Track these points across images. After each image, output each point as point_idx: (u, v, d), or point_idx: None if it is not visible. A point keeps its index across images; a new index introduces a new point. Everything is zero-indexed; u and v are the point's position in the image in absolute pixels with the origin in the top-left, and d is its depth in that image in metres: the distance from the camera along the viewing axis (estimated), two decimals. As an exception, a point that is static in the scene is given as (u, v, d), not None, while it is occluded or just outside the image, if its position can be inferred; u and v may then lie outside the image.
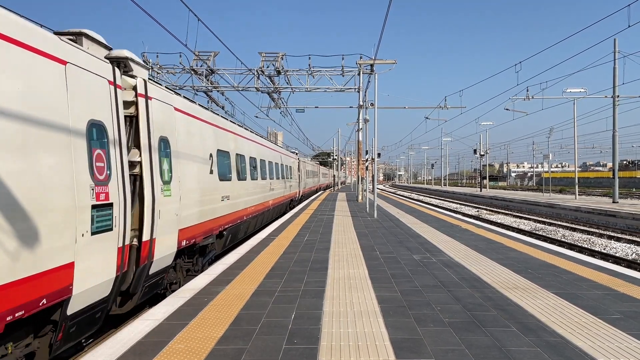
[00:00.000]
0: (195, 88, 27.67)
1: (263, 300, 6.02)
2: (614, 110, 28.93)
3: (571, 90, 30.82)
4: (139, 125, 6.73)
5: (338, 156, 66.53)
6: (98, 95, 5.57)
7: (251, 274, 7.66)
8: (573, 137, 35.67)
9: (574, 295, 6.29)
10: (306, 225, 15.21)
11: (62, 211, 4.70)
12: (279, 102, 30.76)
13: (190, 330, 4.88)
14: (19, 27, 4.37)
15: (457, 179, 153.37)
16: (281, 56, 26.41)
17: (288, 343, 4.50)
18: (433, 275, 7.54)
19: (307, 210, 21.57)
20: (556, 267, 8.22)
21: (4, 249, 3.93)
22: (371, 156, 22.74)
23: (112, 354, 4.23)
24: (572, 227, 22.08)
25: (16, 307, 4.07)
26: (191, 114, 9.33)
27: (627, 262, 13.36)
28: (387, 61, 24.42)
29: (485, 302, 5.95)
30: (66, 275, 4.79)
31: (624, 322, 5.14)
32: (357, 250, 10.10)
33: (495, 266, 8.30)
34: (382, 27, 14.44)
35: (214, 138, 10.91)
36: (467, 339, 4.61)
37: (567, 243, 17.03)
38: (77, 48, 5.27)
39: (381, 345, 4.44)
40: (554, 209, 30.61)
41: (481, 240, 11.60)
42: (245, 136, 15.06)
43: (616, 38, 27.39)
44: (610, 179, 36.09)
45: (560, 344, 4.48)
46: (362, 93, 26.88)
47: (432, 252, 9.78)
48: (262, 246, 10.59)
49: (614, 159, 29.41)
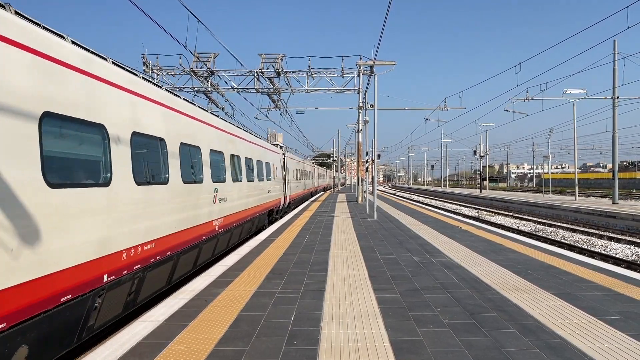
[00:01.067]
0: (195, 89, 27.69)
1: (263, 302, 6.01)
2: (613, 111, 28.94)
3: (571, 91, 30.84)
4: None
5: (338, 157, 66.53)
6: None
7: (251, 275, 7.66)
8: (573, 138, 35.70)
9: (573, 297, 6.29)
10: (306, 226, 15.20)
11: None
12: (279, 104, 30.78)
13: (190, 331, 4.87)
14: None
15: (457, 180, 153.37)
16: (281, 57, 26.44)
17: (288, 344, 4.49)
18: (433, 277, 7.53)
19: (306, 212, 21.56)
20: (556, 268, 8.22)
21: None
22: (371, 157, 22.74)
23: (111, 356, 4.22)
24: (572, 228, 22.07)
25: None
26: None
27: (627, 263, 13.36)
28: (386, 62, 24.45)
29: (485, 304, 5.95)
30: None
31: (623, 323, 5.13)
32: (357, 251, 10.10)
33: (495, 267, 8.30)
34: (381, 28, 14.46)
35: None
36: (466, 340, 4.61)
37: (567, 244, 17.02)
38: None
39: (381, 347, 4.44)
40: (554, 210, 30.60)
41: (481, 242, 11.60)
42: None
43: (616, 39, 27.43)
44: (610, 180, 36.11)
45: (560, 345, 4.47)
46: (361, 94, 26.91)
47: (432, 254, 9.77)
48: (262, 247, 10.59)
49: (613, 160, 29.42)
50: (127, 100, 6.68)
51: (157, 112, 7.72)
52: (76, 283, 5.14)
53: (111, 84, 6.28)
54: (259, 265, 8.47)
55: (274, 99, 30.05)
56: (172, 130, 8.22)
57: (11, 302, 4.16)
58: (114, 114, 6.20)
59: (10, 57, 4.37)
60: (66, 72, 5.24)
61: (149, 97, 7.51)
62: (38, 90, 4.70)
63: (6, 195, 4.16)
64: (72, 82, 5.33)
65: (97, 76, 5.94)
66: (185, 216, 8.53)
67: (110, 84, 6.24)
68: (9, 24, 4.44)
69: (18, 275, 4.23)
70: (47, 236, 4.62)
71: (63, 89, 5.12)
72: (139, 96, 7.15)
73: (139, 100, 7.11)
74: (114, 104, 6.27)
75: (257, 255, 9.60)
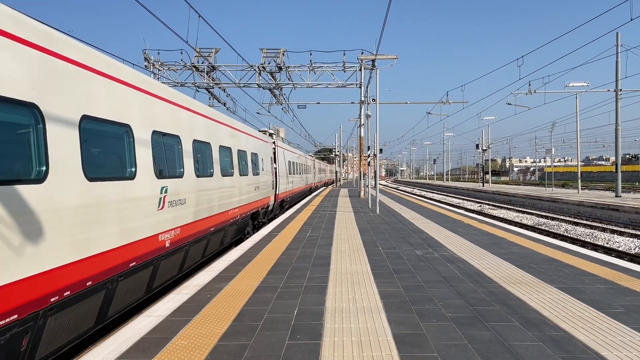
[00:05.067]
0: (197, 85, 27.67)
1: (266, 297, 6.03)
2: (616, 104, 28.81)
3: (573, 84, 30.72)
4: None
5: (340, 152, 66.49)
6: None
7: (254, 270, 7.67)
8: (575, 132, 35.58)
9: (576, 290, 6.28)
10: (308, 221, 15.22)
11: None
12: (281, 98, 30.75)
13: (193, 326, 4.89)
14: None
15: (460, 174, 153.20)
16: (282, 52, 26.39)
17: (291, 339, 4.50)
18: (435, 271, 7.54)
19: (309, 207, 21.57)
20: (559, 262, 8.21)
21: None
22: (373, 152, 22.71)
23: (115, 351, 4.24)
24: (574, 221, 22.04)
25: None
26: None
27: (630, 256, 13.34)
28: (388, 56, 24.38)
29: (488, 297, 5.95)
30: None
31: (627, 317, 5.13)
32: (359, 245, 10.10)
33: (498, 261, 8.29)
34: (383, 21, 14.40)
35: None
36: (469, 334, 4.61)
37: (569, 237, 17.00)
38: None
39: (384, 341, 4.45)
40: (557, 203, 30.55)
41: (483, 235, 11.59)
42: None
43: (619, 32, 27.27)
44: (613, 173, 36.01)
45: (563, 339, 4.47)
46: (363, 89, 26.84)
47: (435, 248, 9.77)
48: (265, 242, 10.60)
49: (616, 153, 29.32)
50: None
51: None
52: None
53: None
54: (262, 260, 8.48)
55: (276, 94, 30.02)
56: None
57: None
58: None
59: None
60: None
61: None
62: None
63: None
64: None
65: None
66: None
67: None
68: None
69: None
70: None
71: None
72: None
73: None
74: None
75: (259, 250, 9.62)
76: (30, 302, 4.39)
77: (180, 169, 8.48)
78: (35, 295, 4.46)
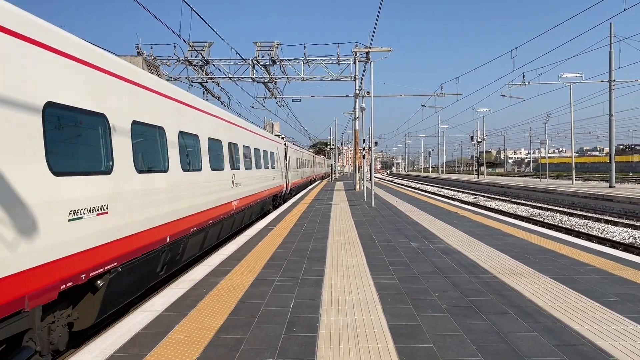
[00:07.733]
0: (191, 79, 27.51)
1: (262, 290, 6.03)
2: (610, 95, 28.91)
3: (567, 75, 30.79)
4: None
5: (335, 145, 66.43)
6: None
7: (250, 264, 7.67)
8: (569, 123, 35.68)
9: (571, 280, 6.32)
10: (304, 215, 15.22)
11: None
12: (275, 92, 30.62)
13: (190, 321, 4.89)
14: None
15: (455, 167, 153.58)
16: (276, 45, 26.24)
17: (287, 332, 4.51)
18: (431, 262, 7.56)
19: (304, 200, 21.57)
20: (553, 252, 8.26)
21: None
22: (368, 145, 22.71)
23: (112, 345, 4.24)
24: (569, 212, 22.16)
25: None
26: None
27: (624, 246, 13.43)
28: (382, 49, 24.30)
29: (483, 288, 5.98)
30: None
31: (621, 305, 5.17)
32: (355, 238, 10.12)
33: (493, 252, 8.33)
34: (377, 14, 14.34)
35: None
36: (465, 325, 4.63)
37: (564, 228, 17.10)
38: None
39: (380, 332, 4.46)
40: (551, 194, 30.70)
41: (479, 227, 11.64)
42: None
43: (612, 22, 27.31)
44: (607, 164, 36.20)
45: (557, 328, 4.50)
46: (358, 81, 26.77)
47: (430, 240, 9.80)
48: (261, 236, 10.60)
49: (610, 143, 29.45)
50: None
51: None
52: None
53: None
54: (258, 254, 8.48)
55: (270, 88, 29.89)
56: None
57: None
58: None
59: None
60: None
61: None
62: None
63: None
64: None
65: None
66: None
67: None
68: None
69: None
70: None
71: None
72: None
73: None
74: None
75: (255, 243, 9.62)
76: (187, 228, 8.81)
77: (238, 164, 13.76)
78: (187, 226, 8.85)
